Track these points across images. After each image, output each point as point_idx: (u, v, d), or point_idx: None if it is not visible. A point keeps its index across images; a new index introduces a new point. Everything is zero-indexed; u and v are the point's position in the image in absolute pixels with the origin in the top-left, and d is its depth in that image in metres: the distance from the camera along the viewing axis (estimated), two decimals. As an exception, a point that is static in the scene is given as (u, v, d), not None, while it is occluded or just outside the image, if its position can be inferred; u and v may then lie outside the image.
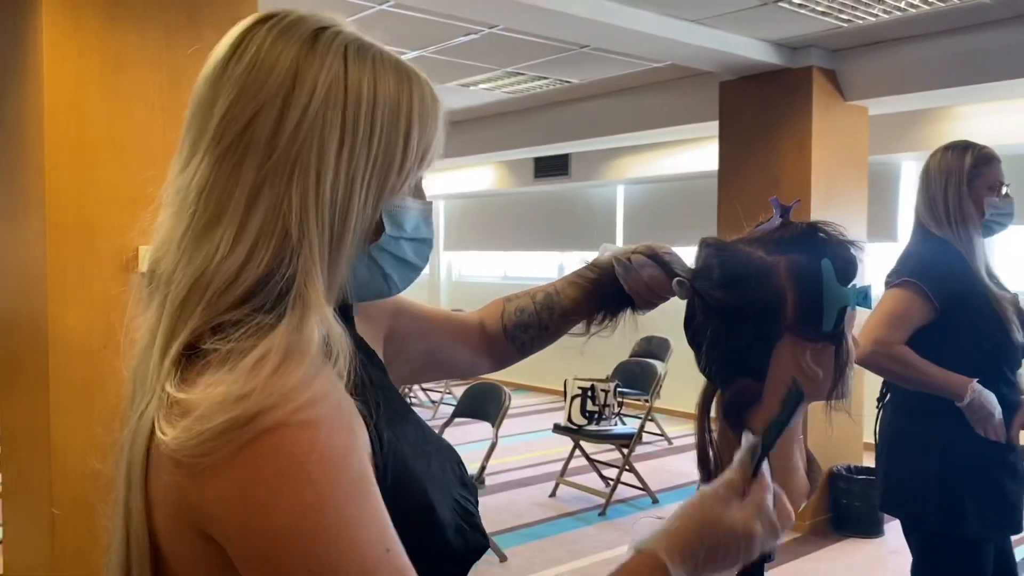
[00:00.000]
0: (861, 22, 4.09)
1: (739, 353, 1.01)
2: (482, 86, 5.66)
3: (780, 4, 3.81)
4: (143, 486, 0.70)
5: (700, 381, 1.08)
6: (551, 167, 8.16)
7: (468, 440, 5.76)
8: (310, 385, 0.65)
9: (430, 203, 0.87)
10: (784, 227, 1.04)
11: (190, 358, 0.68)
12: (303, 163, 0.71)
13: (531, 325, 1.17)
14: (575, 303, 1.16)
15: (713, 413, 1.07)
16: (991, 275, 2.21)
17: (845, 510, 4.63)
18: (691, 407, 1.10)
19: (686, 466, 5.86)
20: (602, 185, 8.34)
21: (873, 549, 4.49)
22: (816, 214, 4.57)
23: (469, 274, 10.48)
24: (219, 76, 0.75)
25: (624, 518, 4.89)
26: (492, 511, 4.94)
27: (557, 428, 5.37)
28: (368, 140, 0.74)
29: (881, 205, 6.18)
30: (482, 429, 4.45)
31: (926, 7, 3.86)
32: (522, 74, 5.30)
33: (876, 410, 2.39)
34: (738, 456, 0.83)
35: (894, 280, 2.20)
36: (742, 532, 0.78)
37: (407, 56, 4.84)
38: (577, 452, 5.43)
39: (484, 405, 4.35)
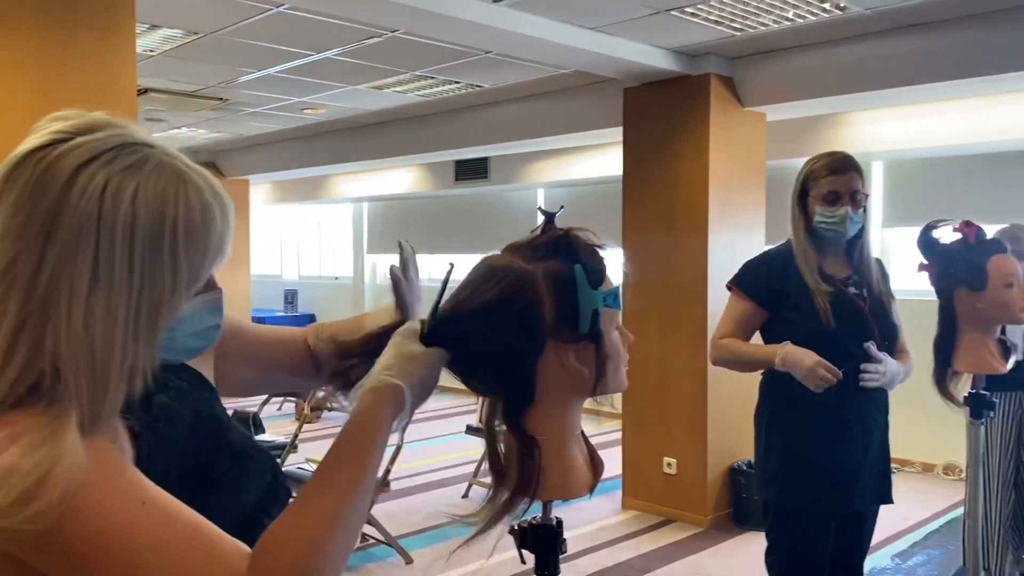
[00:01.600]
0: (753, 31, 4.23)
1: (509, 360, 1.05)
2: (393, 89, 5.67)
3: (672, 12, 3.91)
4: None
5: None
6: (471, 170, 8.20)
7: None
8: (43, 500, 0.71)
9: (218, 292, 0.92)
10: (543, 234, 1.09)
11: None
12: (56, 306, 0.76)
13: (333, 361, 1.22)
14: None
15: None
16: (860, 274, 2.34)
17: (745, 504, 4.77)
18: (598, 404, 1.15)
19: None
20: (522, 189, 8.41)
21: (771, 541, 4.64)
22: (714, 218, 4.71)
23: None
24: None
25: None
26: (403, 513, 4.95)
27: (470, 429, 5.40)
28: (127, 277, 0.78)
29: (783, 209, 6.36)
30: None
31: (812, 17, 4.01)
32: (432, 77, 5.33)
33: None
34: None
35: (732, 283, 2.46)
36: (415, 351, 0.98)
37: (310, 60, 4.83)
38: (490, 453, 5.47)
39: (390, 408, 4.34)
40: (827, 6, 3.83)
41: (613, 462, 5.34)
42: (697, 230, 4.73)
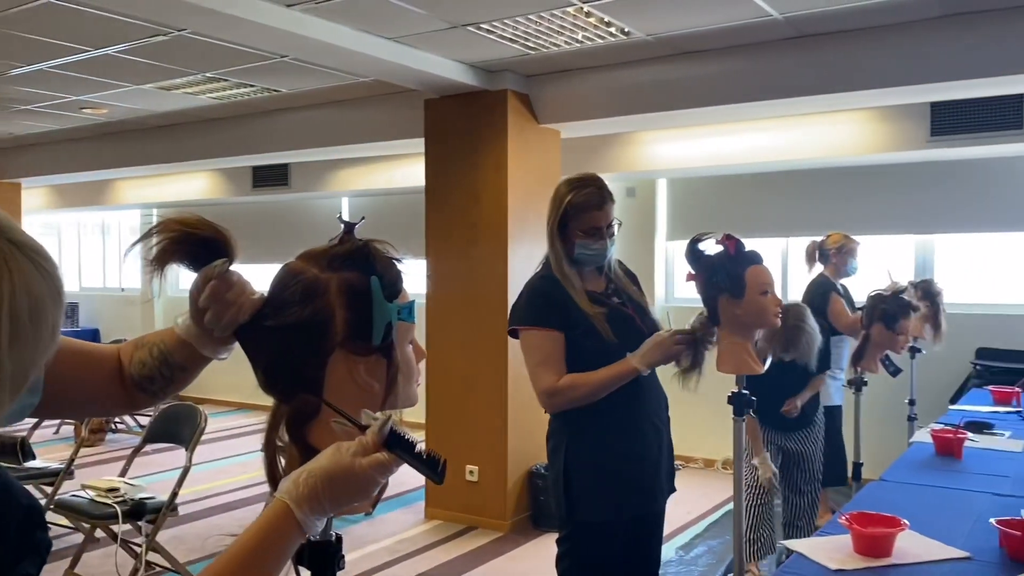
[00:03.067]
0: (546, 51, 4.39)
1: (295, 369, 1.03)
2: (184, 90, 5.38)
3: (468, 28, 3.98)
4: None
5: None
6: (270, 177, 7.93)
7: (166, 467, 5.44)
8: None
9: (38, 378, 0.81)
10: (341, 244, 1.08)
11: None
12: None
13: (155, 378, 1.17)
14: (188, 360, 1.17)
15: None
16: (615, 283, 2.44)
17: (543, 506, 4.92)
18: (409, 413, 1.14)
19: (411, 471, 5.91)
20: (325, 197, 8.23)
21: (568, 542, 4.80)
22: (513, 230, 4.83)
23: (187, 287, 9.88)
24: None
25: (340, 529, 4.84)
26: (193, 538, 4.69)
27: (267, 446, 5.21)
28: None
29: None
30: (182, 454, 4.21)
31: (599, 40, 4.22)
32: (224, 80, 5.11)
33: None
34: (375, 425, 0.94)
35: (517, 326, 2.36)
36: (363, 480, 0.94)
37: (88, 56, 4.50)
38: (290, 469, 5.30)
39: (178, 428, 4.09)
40: (613, 30, 4.05)
41: (415, 473, 5.32)
42: (498, 241, 4.83)
